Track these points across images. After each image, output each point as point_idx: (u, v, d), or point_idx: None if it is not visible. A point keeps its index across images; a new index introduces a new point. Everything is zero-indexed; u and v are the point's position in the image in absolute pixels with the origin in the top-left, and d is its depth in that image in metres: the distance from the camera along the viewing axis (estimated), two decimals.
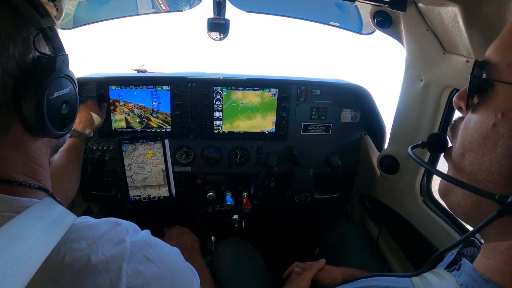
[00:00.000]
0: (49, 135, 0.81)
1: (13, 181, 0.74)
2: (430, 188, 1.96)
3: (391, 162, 2.08)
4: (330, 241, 2.12)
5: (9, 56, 0.71)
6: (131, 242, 0.79)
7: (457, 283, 0.72)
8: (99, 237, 0.76)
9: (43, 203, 0.76)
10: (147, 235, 0.88)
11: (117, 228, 0.82)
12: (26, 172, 0.78)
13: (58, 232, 0.72)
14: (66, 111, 0.86)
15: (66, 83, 0.85)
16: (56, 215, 0.76)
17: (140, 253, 0.80)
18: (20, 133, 0.76)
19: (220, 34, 2.04)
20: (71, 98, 0.88)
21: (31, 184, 0.78)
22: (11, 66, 0.71)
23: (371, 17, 1.85)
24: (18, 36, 0.73)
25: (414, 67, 1.82)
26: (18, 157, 0.77)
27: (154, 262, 0.82)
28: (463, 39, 1.36)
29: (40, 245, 0.67)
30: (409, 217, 1.98)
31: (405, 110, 1.95)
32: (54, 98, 0.80)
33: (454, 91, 1.68)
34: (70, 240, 0.72)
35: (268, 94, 2.38)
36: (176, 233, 1.96)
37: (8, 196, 0.71)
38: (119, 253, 0.75)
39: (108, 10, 2.31)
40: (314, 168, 2.33)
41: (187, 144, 2.49)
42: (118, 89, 2.31)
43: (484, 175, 0.64)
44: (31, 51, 0.76)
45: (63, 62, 0.83)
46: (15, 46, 0.72)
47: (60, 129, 0.85)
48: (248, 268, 1.81)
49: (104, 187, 2.48)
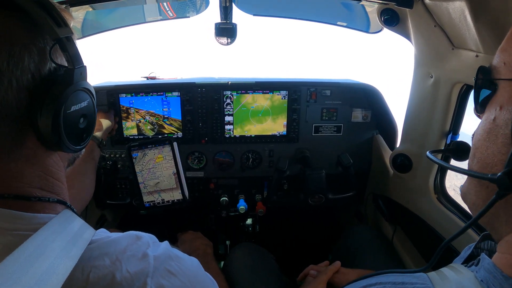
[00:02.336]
0: (66, 150, 0.77)
1: (31, 197, 0.72)
2: (444, 185, 1.94)
3: (404, 161, 2.06)
4: (344, 243, 2.10)
5: (24, 68, 0.67)
6: (153, 256, 0.78)
7: (476, 278, 0.71)
8: (122, 253, 0.75)
9: (61, 217, 0.74)
10: (168, 248, 0.87)
11: (138, 242, 0.80)
12: (44, 187, 0.76)
13: (78, 248, 0.70)
14: (83, 125, 0.82)
15: (84, 96, 0.81)
16: (76, 229, 0.74)
17: (163, 267, 0.78)
18: (35, 148, 0.73)
19: (228, 38, 2.05)
20: (89, 112, 0.84)
21: (49, 199, 0.75)
22: (26, 79, 0.68)
23: (378, 15, 1.84)
24: (33, 47, 0.70)
25: (423, 64, 1.80)
26: (34, 172, 0.74)
27: (176, 275, 0.80)
28: (471, 34, 1.35)
29: (61, 263, 0.65)
30: (423, 215, 1.96)
31: (416, 108, 1.94)
32: (71, 112, 0.76)
33: (465, 87, 1.66)
34: (94, 258, 0.71)
35: (278, 97, 2.38)
36: (188, 238, 1.97)
37: (26, 213, 0.69)
38: (142, 269, 0.74)
39: (116, 19, 2.33)
40: (326, 169, 2.31)
41: (199, 149, 2.50)
42: (129, 96, 2.33)
43: (489, 168, 0.67)
44: (47, 63, 0.72)
45: (81, 74, 0.79)
46: (31, 57, 0.68)
47: (78, 143, 0.81)
48: (262, 272, 1.81)
49: (118, 195, 2.50)
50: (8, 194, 0.69)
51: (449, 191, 1.92)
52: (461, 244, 1.63)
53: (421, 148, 1.93)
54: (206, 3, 2.18)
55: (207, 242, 1.96)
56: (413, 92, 1.94)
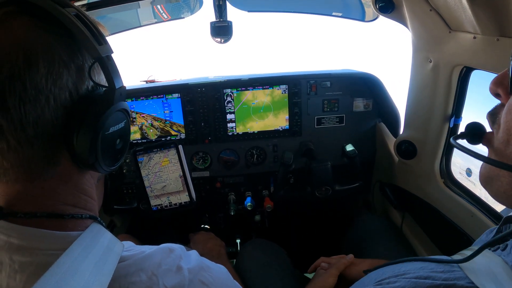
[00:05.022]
0: (100, 171, 0.75)
1: (65, 215, 0.71)
2: (450, 169, 1.93)
3: (408, 147, 2.05)
4: (353, 233, 2.10)
5: (62, 85, 0.66)
6: (187, 269, 0.79)
7: (506, 263, 0.69)
8: (157, 267, 0.74)
9: (91, 232, 0.73)
10: (198, 258, 0.88)
11: (172, 255, 0.80)
12: (77, 204, 0.75)
13: (110, 264, 0.69)
14: (119, 147, 0.80)
15: (122, 117, 0.79)
16: (106, 244, 0.73)
17: (197, 279, 0.79)
18: (69, 167, 0.72)
19: (224, 36, 2.05)
20: (125, 133, 0.81)
21: (82, 215, 0.74)
22: (64, 97, 0.66)
23: (373, 3, 1.83)
24: (72, 64, 0.68)
25: (421, 49, 1.79)
26: (67, 190, 0.73)
27: (209, 285, 0.81)
28: (467, 16, 1.34)
29: (96, 281, 0.65)
30: (431, 200, 1.96)
31: (417, 93, 1.93)
32: (109, 133, 0.74)
33: (465, 69, 1.65)
34: (130, 274, 0.71)
35: (279, 91, 2.38)
36: (201, 240, 1.96)
37: (60, 232, 0.69)
38: (179, 282, 0.75)
39: (111, 25, 2.33)
40: (332, 160, 2.30)
41: (203, 149, 2.50)
42: (129, 101, 2.34)
43: None
44: (86, 81, 0.71)
45: (121, 95, 0.76)
46: (69, 75, 0.67)
47: (112, 165, 0.79)
48: (273, 267, 1.81)
49: (125, 200, 2.51)
50: (41, 212, 0.69)
51: (456, 175, 1.92)
52: (474, 230, 1.63)
53: (425, 133, 1.93)
54: (200, 3, 2.18)
55: (220, 242, 1.96)
56: (413, 78, 1.93)
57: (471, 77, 1.69)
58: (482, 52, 1.39)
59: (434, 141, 1.89)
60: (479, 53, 1.42)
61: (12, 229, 0.66)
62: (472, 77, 1.68)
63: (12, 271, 0.64)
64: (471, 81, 1.70)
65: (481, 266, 0.72)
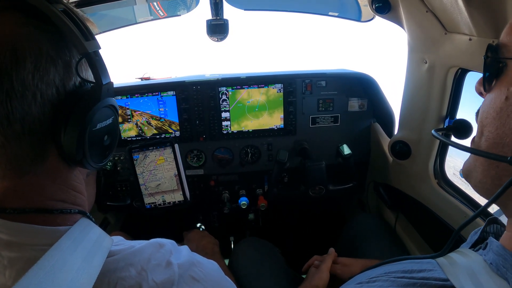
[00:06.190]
0: (88, 167, 0.75)
1: (54, 210, 0.71)
2: (443, 170, 1.94)
3: (403, 148, 2.06)
4: (347, 233, 2.11)
5: (49, 81, 0.66)
6: (178, 264, 0.78)
7: (484, 262, 0.71)
8: (147, 262, 0.74)
9: (80, 226, 0.73)
10: (189, 254, 0.87)
11: (162, 250, 0.80)
12: (65, 199, 0.75)
13: (99, 258, 0.69)
14: (107, 143, 0.80)
15: (109, 113, 0.79)
16: (95, 238, 0.73)
17: (187, 275, 0.79)
18: (56, 163, 0.72)
19: (220, 34, 2.04)
20: (113, 129, 0.81)
21: (71, 210, 0.75)
22: (50, 93, 0.66)
23: (370, 3, 1.83)
24: (59, 60, 0.68)
25: (417, 50, 1.80)
26: (56, 185, 0.73)
27: (200, 281, 0.80)
28: (463, 18, 1.35)
29: (84, 275, 0.64)
30: (425, 201, 1.97)
31: (412, 94, 1.94)
32: (96, 129, 0.74)
33: (460, 70, 1.66)
34: (119, 269, 0.71)
35: (274, 90, 2.38)
36: (195, 238, 1.96)
37: (49, 227, 0.69)
38: (168, 278, 0.74)
39: (107, 22, 2.32)
40: (326, 160, 2.30)
41: (197, 147, 2.50)
42: (124, 98, 2.33)
43: (500, 148, 0.67)
44: (73, 77, 0.71)
45: (108, 91, 0.76)
46: (56, 70, 0.67)
47: (100, 161, 0.79)
48: (267, 265, 1.82)
49: (118, 197, 2.50)
50: (30, 208, 0.69)
51: (449, 176, 1.93)
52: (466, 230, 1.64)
53: (419, 134, 1.93)
54: (196, 0, 2.18)
55: (214, 240, 1.97)
56: (408, 79, 1.93)
57: (466, 79, 1.70)
58: (478, 54, 1.40)
59: (428, 142, 1.89)
60: (474, 54, 1.43)
61: (1, 225, 0.66)
62: (467, 79, 1.69)
63: (1, 266, 0.64)
64: (466, 83, 1.70)
65: (461, 265, 0.75)
